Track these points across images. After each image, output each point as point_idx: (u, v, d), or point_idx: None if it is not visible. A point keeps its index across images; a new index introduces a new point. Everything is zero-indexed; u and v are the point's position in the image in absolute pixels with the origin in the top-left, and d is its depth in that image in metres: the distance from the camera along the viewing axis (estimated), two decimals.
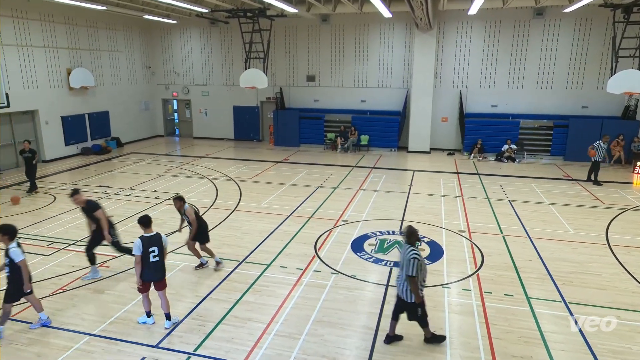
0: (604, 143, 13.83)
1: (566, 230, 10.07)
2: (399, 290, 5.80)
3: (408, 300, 5.69)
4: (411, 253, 5.55)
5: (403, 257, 5.68)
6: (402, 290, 5.71)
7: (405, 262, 5.58)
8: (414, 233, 5.72)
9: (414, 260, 5.49)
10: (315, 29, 20.39)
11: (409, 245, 5.71)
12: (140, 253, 6.01)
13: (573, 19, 17.55)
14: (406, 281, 5.60)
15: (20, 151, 13.02)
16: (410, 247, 5.66)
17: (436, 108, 19.41)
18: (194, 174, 15.40)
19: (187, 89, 22.93)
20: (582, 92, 18.12)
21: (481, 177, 15.25)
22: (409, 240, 5.72)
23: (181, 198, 7.84)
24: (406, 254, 5.61)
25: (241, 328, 6.20)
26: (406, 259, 5.57)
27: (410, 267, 5.50)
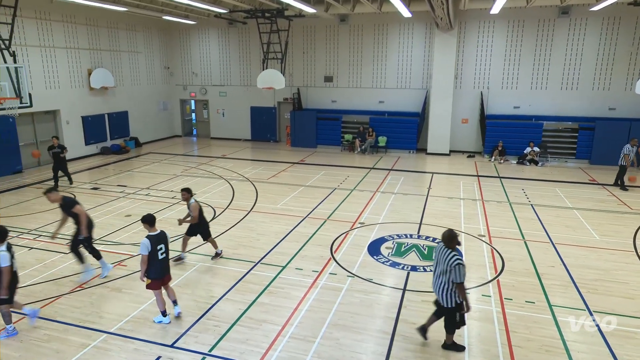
0: (632, 147, 13.33)
1: (591, 236, 9.75)
2: (435, 293, 5.69)
3: (446, 305, 5.57)
4: (455, 259, 5.38)
5: (443, 262, 5.49)
6: (440, 294, 5.59)
7: (449, 268, 5.39)
8: (454, 237, 5.53)
9: (460, 266, 5.34)
10: (333, 29, 20.31)
11: (449, 249, 5.51)
12: (148, 252, 6.06)
13: (600, 18, 17.04)
14: (444, 285, 5.48)
15: (49, 147, 13.42)
16: (452, 252, 5.46)
17: (456, 109, 19.10)
18: (210, 174, 15.48)
19: (204, 89, 23.11)
20: (609, 93, 17.57)
21: (502, 180, 14.92)
22: (449, 244, 5.52)
23: (189, 190, 8.10)
24: (449, 260, 5.41)
25: (256, 330, 6.17)
26: (450, 264, 5.38)
27: (456, 273, 5.35)
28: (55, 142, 13.38)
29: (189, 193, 8.06)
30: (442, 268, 5.49)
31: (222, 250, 8.67)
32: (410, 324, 6.30)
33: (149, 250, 6.05)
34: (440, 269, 5.54)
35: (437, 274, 5.64)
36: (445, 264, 5.43)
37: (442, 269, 5.49)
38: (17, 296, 6.19)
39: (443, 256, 5.52)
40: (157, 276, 6.20)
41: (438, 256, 5.65)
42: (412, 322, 6.34)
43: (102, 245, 9.07)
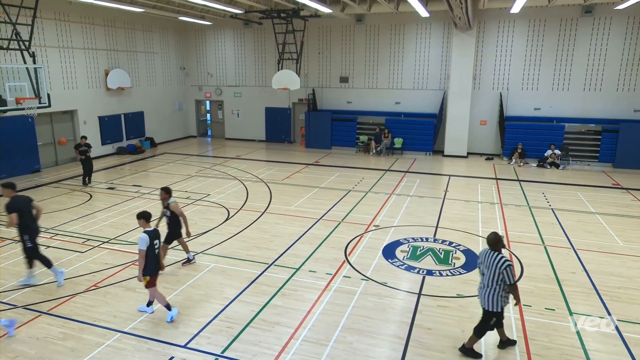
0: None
1: (614, 242, 9.45)
2: (480, 296, 5.68)
3: (488, 309, 5.56)
4: (503, 262, 5.38)
5: (492, 266, 5.46)
6: (485, 298, 5.57)
7: (498, 272, 5.38)
8: (500, 240, 5.53)
9: (509, 267, 5.37)
10: (349, 29, 20.20)
11: (495, 252, 5.50)
12: (146, 247, 6.16)
13: (625, 17, 16.56)
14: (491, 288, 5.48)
15: (77, 145, 13.72)
16: (499, 255, 5.46)
17: (474, 111, 18.80)
18: (225, 175, 15.51)
19: (220, 90, 23.23)
20: (634, 94, 17.06)
21: (522, 183, 14.60)
22: (495, 247, 5.52)
23: (168, 190, 7.78)
24: (497, 263, 5.40)
25: (268, 332, 6.12)
26: (500, 267, 5.37)
27: (507, 275, 5.36)
28: (82, 141, 13.66)
29: (168, 193, 7.70)
30: (490, 270, 5.48)
31: (194, 256, 8.43)
32: (426, 329, 6.19)
33: (147, 246, 6.15)
34: (488, 273, 5.51)
35: (484, 278, 5.63)
36: (494, 267, 5.42)
37: (490, 271, 5.48)
38: None
39: (490, 260, 5.50)
40: (154, 272, 6.35)
41: (485, 260, 5.62)
42: (427, 328, 6.23)
43: (117, 245, 9.14)
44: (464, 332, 6.10)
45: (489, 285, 5.50)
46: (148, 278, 6.28)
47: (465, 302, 6.94)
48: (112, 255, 8.66)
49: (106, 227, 10.22)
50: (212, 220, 10.65)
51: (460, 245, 9.19)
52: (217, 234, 9.78)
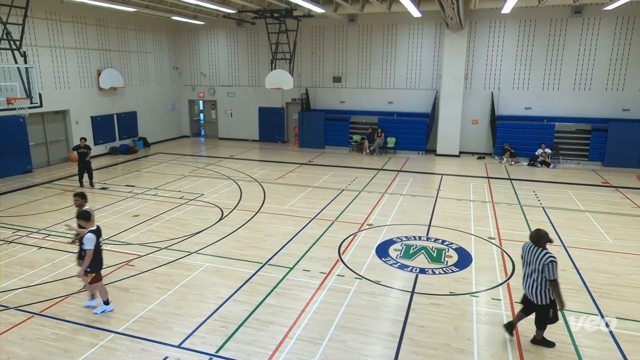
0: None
1: (604, 240, 9.58)
2: (526, 292, 5.80)
3: (538, 303, 5.67)
4: (547, 257, 5.51)
5: (535, 261, 5.61)
6: (531, 293, 5.70)
7: (541, 267, 5.52)
8: (544, 236, 5.65)
9: (553, 263, 5.48)
10: (342, 29, 20.26)
11: (539, 248, 5.64)
12: (93, 246, 6.34)
13: (614, 18, 16.78)
14: (536, 283, 5.61)
15: (75, 147, 13.44)
16: (543, 250, 5.59)
17: (466, 110, 18.95)
18: (218, 174, 15.50)
19: (213, 89, 23.19)
20: (623, 94, 17.29)
21: (513, 182, 14.74)
22: (539, 243, 5.65)
23: (83, 195, 7.33)
24: (541, 258, 5.53)
25: (263, 331, 6.14)
26: (542, 263, 5.51)
27: (550, 271, 5.48)
28: (82, 143, 13.41)
29: (83, 199, 7.27)
30: (534, 267, 5.61)
31: None
32: (419, 327, 6.25)
33: (94, 244, 6.33)
34: (532, 268, 5.65)
35: (527, 273, 5.75)
36: (538, 262, 5.55)
37: (534, 268, 5.61)
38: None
39: (534, 255, 5.63)
40: (100, 268, 6.55)
41: (527, 255, 5.76)
42: (420, 325, 6.29)
43: (110, 245, 9.11)
44: (456, 330, 6.18)
45: (534, 279, 5.65)
46: (94, 274, 6.47)
47: (457, 299, 7.00)
48: (105, 255, 8.49)
49: None
50: (206, 220, 10.65)
51: (452, 244, 9.27)
52: (211, 234, 9.78)
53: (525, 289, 5.81)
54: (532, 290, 5.66)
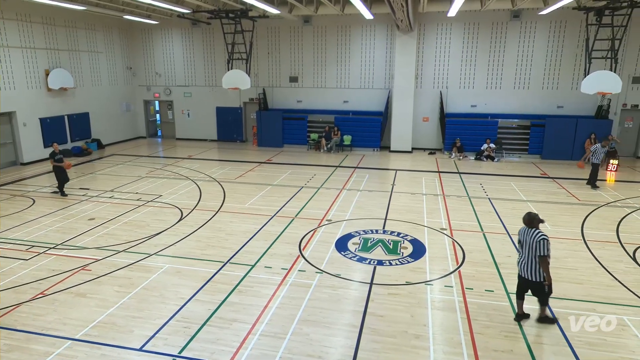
0: (603, 147, 13.51)
1: (544, 227, 10.28)
2: (522, 271, 6.23)
3: (533, 280, 6.11)
4: (540, 235, 5.98)
5: (528, 240, 6.07)
6: (526, 271, 6.15)
7: (535, 244, 5.97)
8: (535, 217, 6.13)
9: (544, 241, 5.92)
10: (297, 30, 20.44)
11: (532, 229, 6.10)
12: None
13: (548, 22, 18.01)
14: (532, 262, 6.03)
15: (52, 153, 12.57)
16: (536, 230, 6.07)
17: (417, 108, 19.68)
18: (177, 175, 15.28)
19: (169, 90, 22.72)
20: (557, 92, 18.61)
21: (462, 175, 15.52)
22: (532, 224, 6.11)
23: None
24: (534, 237, 6.01)
25: (226, 329, 6.19)
26: (535, 240, 5.97)
27: (541, 247, 5.92)
28: (56, 147, 12.63)
29: None
30: (529, 246, 6.06)
31: None
32: (378, 317, 6.49)
33: None
34: (528, 248, 6.10)
35: (525, 254, 6.18)
36: (532, 240, 6.02)
37: (529, 246, 6.07)
38: None
39: (529, 236, 6.09)
40: None
41: (523, 237, 6.21)
42: (379, 315, 6.54)
43: (65, 250, 8.86)
44: (413, 317, 6.47)
45: (530, 258, 6.09)
46: None
47: (413, 288, 7.35)
48: (60, 261, 8.38)
49: (52, 233, 9.83)
50: (165, 221, 10.53)
51: (407, 236, 9.69)
52: (170, 235, 9.70)
53: (521, 269, 6.26)
54: (528, 269, 6.14)
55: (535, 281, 6.13)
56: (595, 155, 13.28)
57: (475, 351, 5.71)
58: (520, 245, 6.35)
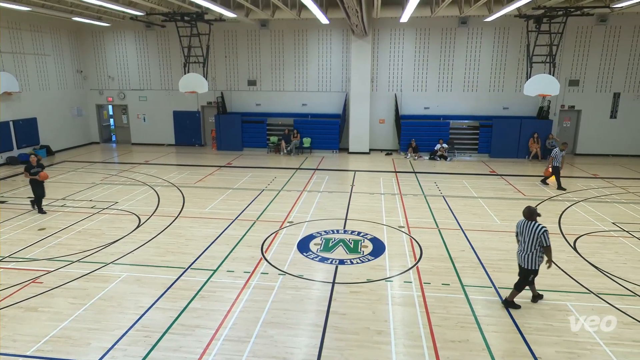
0: (562, 150, 13.79)
1: (494, 221, 10.90)
2: (521, 261, 6.75)
3: (526, 267, 6.67)
4: (541, 228, 6.52)
5: (530, 232, 6.57)
6: (525, 261, 6.68)
7: (537, 237, 6.50)
8: (534, 211, 6.67)
9: (546, 232, 6.51)
10: (254, 33, 20.41)
11: (531, 221, 6.62)
12: None
13: (493, 28, 18.99)
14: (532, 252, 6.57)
15: (27, 166, 11.29)
16: (536, 223, 6.60)
17: (374, 110, 20.15)
18: (133, 181, 14.85)
19: (123, 94, 22.01)
20: (503, 94, 19.65)
21: (417, 175, 16.06)
22: (531, 218, 6.64)
23: None
24: (536, 229, 6.53)
25: (189, 336, 6.11)
26: (537, 234, 6.50)
27: (544, 239, 6.49)
28: (34, 160, 11.33)
29: None
30: (529, 237, 6.58)
31: None
32: (341, 315, 6.62)
33: None
34: (527, 239, 6.62)
35: (523, 244, 6.69)
36: (533, 232, 6.54)
37: (529, 238, 6.58)
38: None
39: (528, 228, 6.62)
40: None
41: (522, 229, 6.73)
42: (342, 313, 6.67)
43: (13, 262, 8.42)
44: (374, 313, 6.66)
45: (528, 249, 6.60)
46: None
47: (374, 285, 7.55)
48: (7, 274, 7.94)
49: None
50: (122, 229, 10.23)
51: (367, 235, 9.93)
52: (128, 242, 9.44)
53: (521, 260, 6.74)
54: (528, 259, 6.63)
55: (527, 268, 6.68)
56: (557, 159, 13.65)
57: (434, 343, 5.96)
58: (517, 237, 6.91)
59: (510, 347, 5.91)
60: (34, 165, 11.41)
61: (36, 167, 11.41)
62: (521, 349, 5.85)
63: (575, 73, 18.99)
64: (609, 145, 19.33)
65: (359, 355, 5.73)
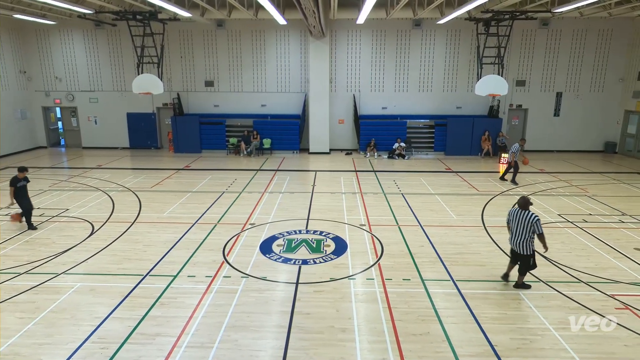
0: (521, 146, 14.41)
1: (450, 217, 11.30)
2: (515, 247, 7.24)
3: (523, 253, 7.14)
4: (534, 217, 7.01)
5: (523, 221, 7.05)
6: (519, 247, 7.15)
7: (530, 225, 6.97)
8: (528, 201, 7.20)
9: (539, 220, 6.99)
10: (211, 33, 20.06)
11: (525, 210, 7.11)
12: None
13: (445, 31, 19.66)
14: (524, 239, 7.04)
15: (13, 180, 10.22)
16: (529, 212, 7.09)
17: (333, 111, 20.34)
18: (85, 186, 14.21)
19: (72, 95, 20.99)
20: (456, 94, 20.39)
21: (377, 173, 16.36)
22: (525, 207, 7.14)
23: None
24: (529, 218, 7.01)
25: (149, 345, 5.94)
26: (530, 222, 6.97)
27: (537, 227, 6.96)
28: (21, 175, 10.31)
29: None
30: (522, 225, 7.06)
31: None
32: (305, 315, 6.65)
33: None
34: (520, 227, 7.09)
35: (516, 231, 7.18)
36: (526, 221, 7.02)
37: (522, 226, 7.06)
38: None
39: (521, 216, 7.10)
40: None
41: (515, 217, 7.20)
42: (306, 313, 6.70)
43: None
44: (338, 312, 6.73)
45: (522, 236, 7.08)
46: None
47: (337, 284, 7.63)
48: None
49: None
50: (74, 237, 9.78)
51: (330, 234, 10.02)
52: (81, 251, 9.03)
53: (513, 244, 7.26)
54: (519, 243, 7.12)
55: (524, 254, 7.16)
56: (517, 155, 14.18)
57: (397, 337, 6.11)
58: (508, 224, 7.41)
59: (468, 337, 6.14)
60: (20, 179, 10.27)
61: (22, 181, 10.32)
62: (479, 338, 6.10)
63: (522, 74, 19.99)
64: (553, 141, 20.50)
65: (324, 354, 5.77)
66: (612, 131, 20.32)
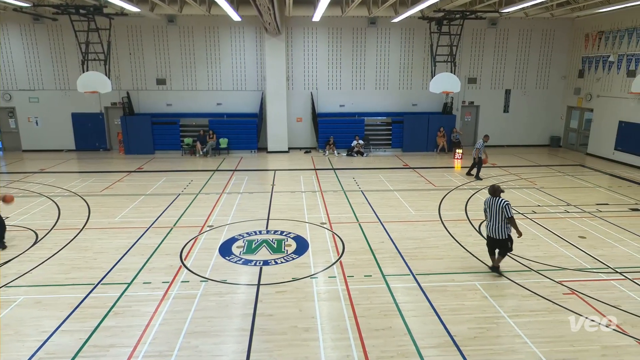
0: (485, 142, 14.68)
1: (409, 212, 11.53)
2: (490, 232, 7.63)
3: (499, 238, 7.54)
4: (503, 202, 7.43)
5: (495, 207, 7.45)
6: (494, 232, 7.56)
7: (501, 210, 7.38)
8: (497, 189, 7.57)
9: (508, 205, 7.40)
10: (161, 29, 19.37)
11: (496, 197, 7.51)
12: None
13: (400, 29, 20.04)
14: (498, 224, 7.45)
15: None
16: (499, 198, 7.48)
17: (291, 109, 20.23)
18: (26, 192, 13.32)
19: (8, 94, 19.60)
20: (411, 92, 20.86)
21: (336, 171, 16.44)
22: (496, 194, 7.53)
23: None
24: (499, 204, 7.42)
25: (103, 357, 5.66)
26: (501, 207, 7.39)
27: (507, 211, 7.36)
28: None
29: None
30: (495, 212, 7.48)
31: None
32: (267, 316, 6.57)
33: None
34: (493, 213, 7.51)
35: (491, 218, 7.58)
36: (498, 207, 7.42)
37: (495, 212, 7.48)
38: None
39: (494, 203, 7.50)
40: None
41: (489, 205, 7.60)
42: (268, 315, 6.62)
43: None
44: (301, 311, 6.69)
45: (496, 221, 7.49)
46: None
47: (299, 284, 7.59)
48: None
49: None
50: (16, 247, 9.13)
51: (290, 233, 9.95)
52: (24, 261, 8.44)
53: (489, 231, 7.64)
54: (495, 230, 7.52)
55: (500, 239, 7.57)
56: (481, 150, 14.48)
57: (360, 333, 6.15)
58: (485, 212, 7.76)
59: (428, 329, 6.28)
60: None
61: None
62: (439, 329, 6.25)
63: (473, 71, 20.73)
64: (503, 136, 21.42)
65: (288, 354, 5.72)
66: (557, 126, 21.51)
